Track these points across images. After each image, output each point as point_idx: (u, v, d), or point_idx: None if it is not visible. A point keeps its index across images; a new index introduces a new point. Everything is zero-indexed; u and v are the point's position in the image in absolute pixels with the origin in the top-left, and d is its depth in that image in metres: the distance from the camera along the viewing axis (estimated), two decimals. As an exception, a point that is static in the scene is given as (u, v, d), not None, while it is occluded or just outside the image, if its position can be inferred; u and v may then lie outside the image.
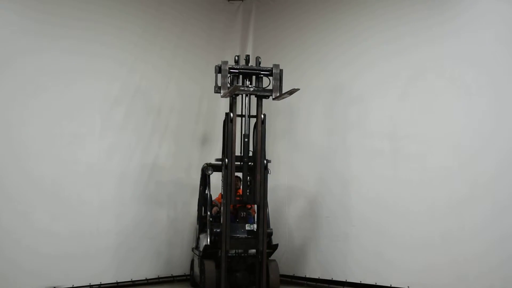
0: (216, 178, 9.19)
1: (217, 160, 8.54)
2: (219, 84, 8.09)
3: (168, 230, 9.93)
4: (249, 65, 8.51)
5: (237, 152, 8.30)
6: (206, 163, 9.17)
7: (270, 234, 8.51)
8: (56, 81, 8.57)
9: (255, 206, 8.44)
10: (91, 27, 8.97)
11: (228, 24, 10.89)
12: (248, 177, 8.36)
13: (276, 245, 8.54)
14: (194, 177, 9.94)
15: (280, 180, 10.06)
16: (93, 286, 8.77)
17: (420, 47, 8.50)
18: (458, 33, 8.14)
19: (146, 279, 9.53)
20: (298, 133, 10.06)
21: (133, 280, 9.33)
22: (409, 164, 8.53)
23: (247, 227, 8.42)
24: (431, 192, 8.23)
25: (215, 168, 8.84)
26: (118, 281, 9.13)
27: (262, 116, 8.25)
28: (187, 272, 9.91)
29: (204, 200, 9.17)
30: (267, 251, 8.17)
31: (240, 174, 8.55)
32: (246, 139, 8.36)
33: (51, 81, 8.52)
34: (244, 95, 8.42)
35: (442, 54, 8.28)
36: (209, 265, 8.14)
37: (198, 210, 9.45)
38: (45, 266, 8.31)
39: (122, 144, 9.37)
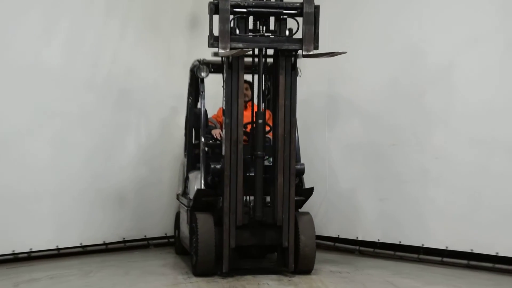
0: (213, 83, 7.63)
1: (215, 54, 6.82)
2: (216, 33, 6.62)
3: (137, 166, 8.35)
4: None
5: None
6: (197, 60, 7.64)
7: (301, 171, 6.96)
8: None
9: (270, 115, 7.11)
10: None
11: None
12: (266, 84, 7.18)
13: (311, 190, 7.07)
14: (177, 82, 8.45)
15: (316, 87, 8.38)
16: (19, 255, 7.25)
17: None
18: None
19: (105, 243, 7.93)
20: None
21: (83, 245, 7.70)
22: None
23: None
24: None
25: (212, 67, 7.51)
26: (59, 246, 7.43)
27: None
28: (169, 232, 8.50)
29: (195, 118, 7.76)
30: (296, 198, 6.74)
31: (250, 78, 7.17)
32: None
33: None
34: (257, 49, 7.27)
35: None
36: (205, 221, 6.57)
37: (185, 134, 8.05)
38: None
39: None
